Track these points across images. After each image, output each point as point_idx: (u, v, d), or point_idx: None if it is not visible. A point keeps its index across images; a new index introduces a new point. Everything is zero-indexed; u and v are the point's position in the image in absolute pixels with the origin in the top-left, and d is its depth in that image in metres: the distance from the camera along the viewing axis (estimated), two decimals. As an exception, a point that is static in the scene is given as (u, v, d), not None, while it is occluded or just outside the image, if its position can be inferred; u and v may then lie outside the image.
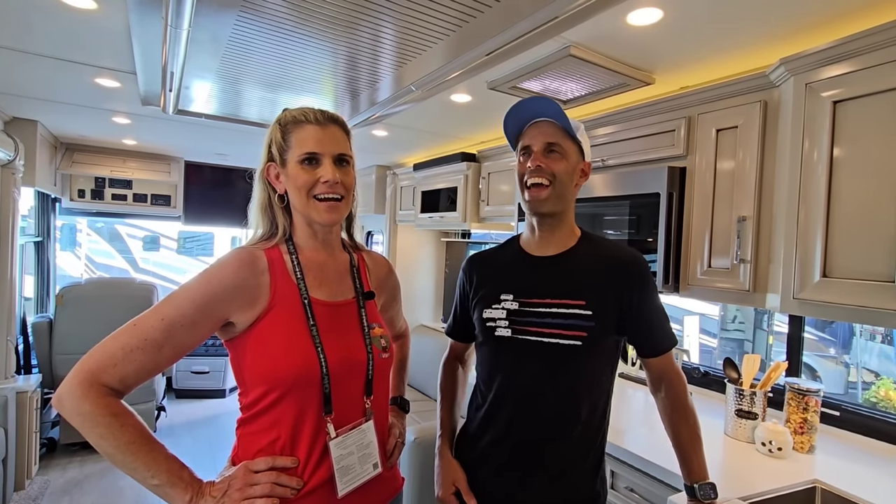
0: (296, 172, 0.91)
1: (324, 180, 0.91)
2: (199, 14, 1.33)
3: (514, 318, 1.05)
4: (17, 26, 1.57)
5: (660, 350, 1.09)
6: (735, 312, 4.33)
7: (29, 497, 2.61)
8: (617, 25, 1.36)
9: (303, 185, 0.91)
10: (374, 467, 0.96)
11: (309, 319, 0.90)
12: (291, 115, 0.94)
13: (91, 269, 8.75)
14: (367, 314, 1.00)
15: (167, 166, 3.96)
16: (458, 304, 1.22)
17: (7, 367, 2.62)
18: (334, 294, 0.97)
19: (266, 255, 0.92)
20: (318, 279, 0.96)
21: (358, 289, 1.02)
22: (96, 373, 0.78)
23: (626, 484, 1.49)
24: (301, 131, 0.92)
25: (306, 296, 0.92)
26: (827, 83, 1.25)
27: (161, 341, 0.81)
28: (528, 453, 1.04)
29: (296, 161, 0.91)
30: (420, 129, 2.73)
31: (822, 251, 1.24)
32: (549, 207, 1.04)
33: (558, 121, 1.03)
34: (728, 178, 1.54)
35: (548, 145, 1.03)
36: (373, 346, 0.97)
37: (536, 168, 1.02)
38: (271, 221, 0.96)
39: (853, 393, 3.49)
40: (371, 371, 0.96)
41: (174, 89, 1.97)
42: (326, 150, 0.92)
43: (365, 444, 0.94)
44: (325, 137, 0.92)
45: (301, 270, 0.94)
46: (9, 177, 2.57)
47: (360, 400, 0.95)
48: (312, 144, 0.91)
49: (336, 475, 0.89)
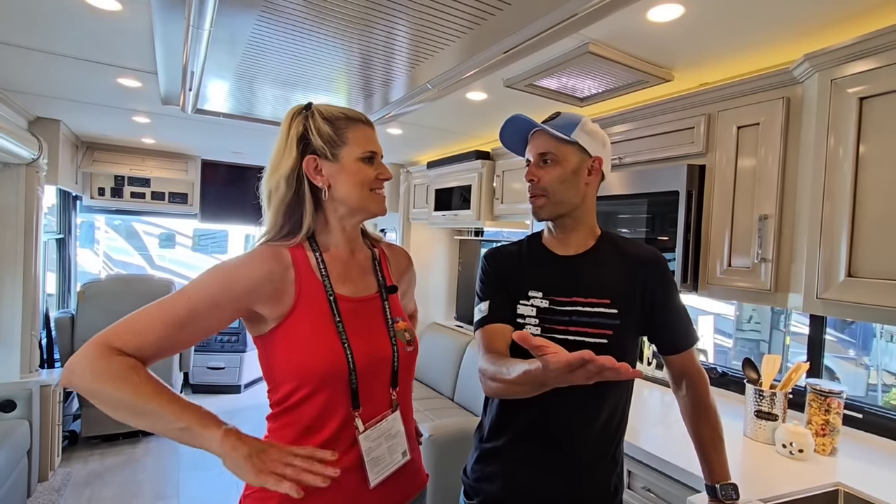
0: (356, 167, 0.94)
1: (384, 177, 0.97)
2: (220, 14, 1.34)
3: (544, 317, 1.05)
4: (44, 28, 1.60)
5: (681, 347, 1.08)
6: (751, 312, 4.26)
7: (52, 488, 2.68)
8: (637, 22, 1.35)
9: (365, 180, 0.95)
10: (402, 455, 0.98)
11: (335, 316, 0.92)
12: (340, 112, 0.96)
13: (109, 265, 8.92)
14: (390, 308, 1.02)
15: (184, 165, 4.02)
16: (490, 291, 1.11)
17: (31, 362, 2.68)
18: (358, 290, 0.99)
19: (290, 253, 0.93)
20: (343, 276, 0.97)
21: (381, 283, 1.03)
22: (111, 338, 0.79)
23: (643, 484, 1.48)
24: (359, 130, 0.96)
25: (332, 292, 0.93)
26: (853, 79, 1.22)
27: (184, 319, 0.81)
28: (549, 450, 1.04)
29: (356, 157, 0.94)
30: (434, 126, 2.74)
31: (848, 250, 1.22)
32: (547, 214, 1.07)
33: (553, 127, 1.05)
34: (749, 176, 1.52)
35: (540, 156, 1.06)
36: (397, 339, 0.99)
37: (529, 181, 1.07)
38: (296, 219, 0.94)
39: (873, 395, 3.42)
40: (396, 364, 0.98)
41: (194, 89, 2.00)
42: (379, 149, 0.99)
43: (393, 434, 0.96)
44: (376, 138, 0.99)
45: (325, 267, 0.95)
46: (33, 175, 2.63)
47: (387, 392, 0.97)
48: (372, 144, 0.97)
49: (367, 466, 0.90)
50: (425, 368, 3.46)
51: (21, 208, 2.60)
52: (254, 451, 0.74)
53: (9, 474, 2.26)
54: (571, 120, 1.06)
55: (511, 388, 0.91)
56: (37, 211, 2.66)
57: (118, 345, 0.78)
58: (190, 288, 0.84)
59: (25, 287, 2.62)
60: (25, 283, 2.62)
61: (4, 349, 2.61)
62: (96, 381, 0.76)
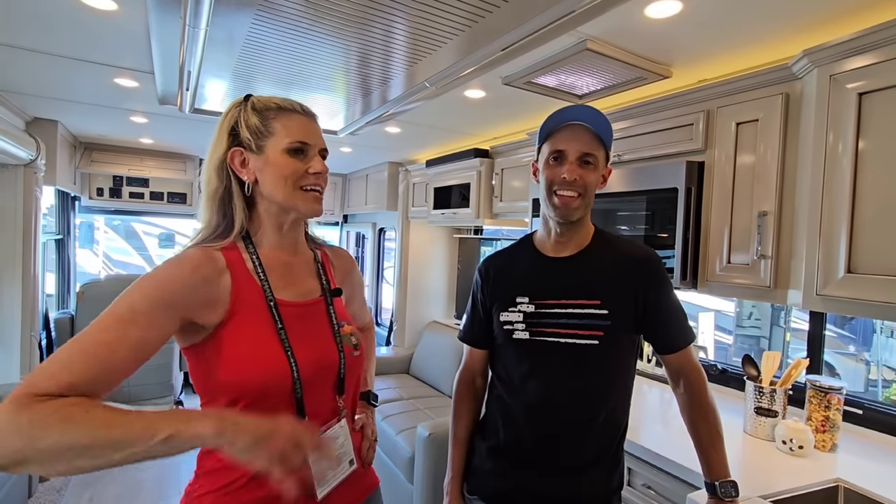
0: (282, 161, 0.85)
1: (314, 171, 0.87)
2: (216, 14, 1.34)
3: (530, 321, 1.06)
4: (40, 28, 1.60)
5: (676, 346, 1.08)
6: (751, 309, 4.26)
7: (53, 489, 2.69)
8: (635, 18, 1.34)
9: (291, 175, 0.86)
10: (350, 464, 0.94)
11: (277, 323, 0.84)
12: (273, 102, 0.88)
13: (108, 266, 8.92)
14: (335, 312, 0.96)
15: (183, 164, 4.02)
16: (473, 308, 1.19)
17: (31, 363, 2.68)
18: (301, 294, 0.92)
19: (224, 255, 0.84)
20: (284, 279, 0.90)
21: (325, 286, 0.97)
22: (29, 387, 0.62)
23: (643, 481, 1.48)
24: (288, 119, 0.87)
25: (272, 297, 0.86)
26: (852, 74, 1.22)
27: (111, 341, 0.69)
28: (545, 451, 1.04)
29: (281, 149, 0.85)
30: (433, 125, 2.73)
31: (847, 246, 1.22)
32: (579, 216, 1.05)
33: (596, 128, 1.00)
34: (748, 173, 1.51)
35: (583, 155, 1.01)
36: (343, 344, 0.94)
37: (572, 181, 1.00)
38: (226, 216, 0.87)
39: (873, 391, 3.42)
40: (343, 370, 0.92)
41: (191, 88, 1.99)
42: (315, 141, 0.89)
43: (340, 444, 0.91)
44: (312, 129, 0.89)
45: (263, 270, 0.87)
46: (31, 176, 2.63)
47: (333, 400, 0.92)
48: (303, 134, 0.87)
49: (314, 479, 0.85)
50: (424, 366, 3.47)
51: (19, 209, 2.60)
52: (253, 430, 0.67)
53: (9, 475, 2.26)
54: (608, 123, 1.02)
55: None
56: (35, 212, 2.66)
57: (41, 390, 0.62)
58: (116, 307, 0.72)
59: (25, 288, 2.62)
60: (25, 284, 2.62)
61: (4, 350, 2.61)
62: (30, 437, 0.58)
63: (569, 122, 1.03)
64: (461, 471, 1.17)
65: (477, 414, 1.21)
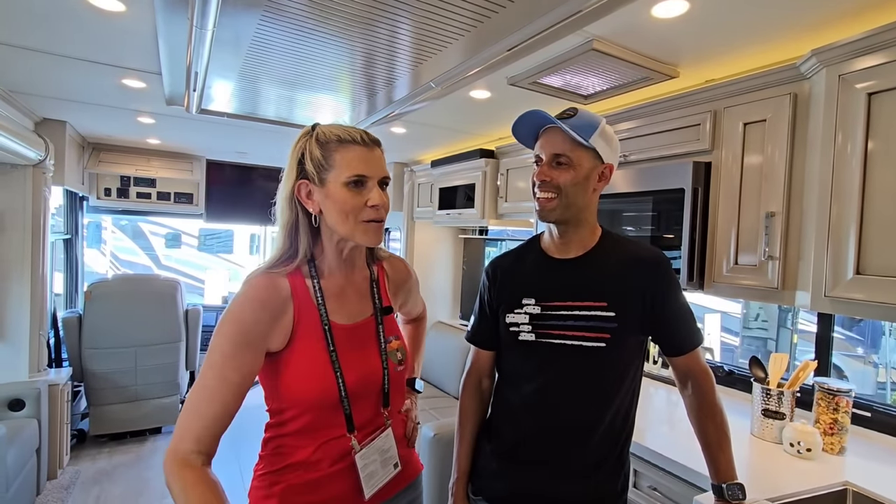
0: (342, 195, 0.88)
1: (372, 204, 0.89)
2: (223, 14, 1.34)
3: (536, 322, 1.05)
4: (48, 29, 1.61)
5: (684, 349, 1.07)
6: (758, 310, 4.23)
7: (61, 486, 2.71)
8: (642, 18, 1.34)
9: (351, 210, 0.88)
10: (394, 467, 1.02)
11: (329, 345, 0.92)
12: (334, 134, 0.90)
13: (116, 265, 9.00)
14: (384, 329, 1.03)
15: (189, 165, 4.04)
16: (480, 308, 1.19)
17: (40, 361, 2.71)
18: (353, 315, 0.99)
19: (289, 281, 0.92)
20: (339, 302, 0.97)
21: (377, 306, 1.04)
22: (176, 445, 0.80)
23: (648, 483, 1.48)
24: (347, 151, 0.89)
25: (327, 322, 0.94)
26: (861, 74, 1.21)
27: (217, 388, 0.82)
28: (551, 454, 1.04)
29: (341, 182, 0.88)
30: (438, 125, 2.73)
31: (856, 247, 1.21)
32: (556, 217, 1.04)
33: (571, 129, 1.01)
34: (756, 173, 1.50)
35: (554, 156, 1.02)
36: (388, 360, 1.01)
37: (542, 182, 1.03)
38: (293, 243, 0.93)
39: (881, 393, 3.39)
40: (387, 385, 1.00)
41: (198, 89, 2.00)
42: (374, 173, 0.90)
43: (385, 450, 1.00)
44: (372, 160, 0.90)
45: (322, 296, 0.94)
46: (40, 176, 2.65)
47: (378, 411, 1.00)
48: (362, 167, 0.89)
49: (363, 481, 0.95)
50: (429, 367, 3.47)
51: (28, 209, 2.62)
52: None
53: (18, 472, 2.28)
54: (590, 121, 1.01)
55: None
56: (44, 212, 2.68)
57: (182, 449, 0.80)
58: (210, 356, 0.84)
59: (33, 287, 2.64)
60: (33, 284, 2.64)
61: (13, 349, 2.63)
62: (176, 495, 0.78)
63: (545, 125, 1.05)
64: (467, 471, 1.17)
65: (483, 415, 1.21)
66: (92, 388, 3.28)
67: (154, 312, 3.48)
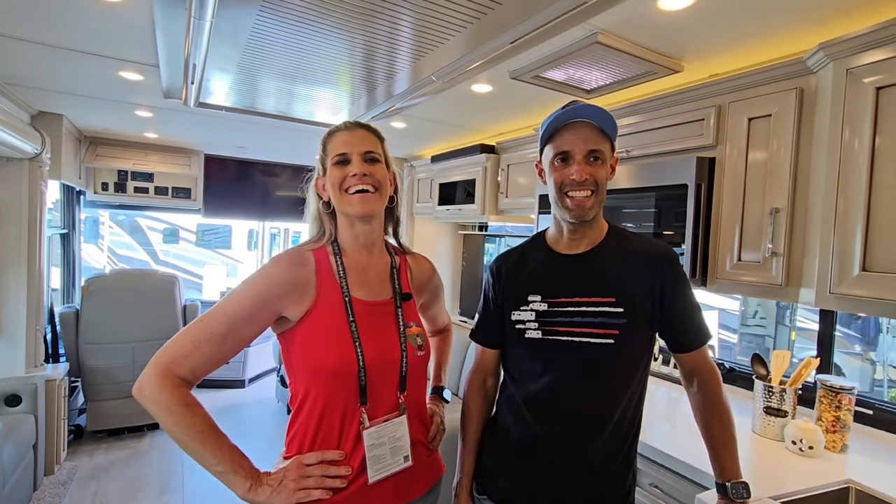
0: (333, 174, 1.01)
1: (352, 174, 0.99)
2: (222, 5, 1.32)
3: (543, 320, 1.03)
4: (45, 21, 1.59)
5: (692, 346, 1.06)
6: (756, 307, 4.23)
7: (58, 482, 2.69)
8: (647, 10, 1.32)
9: (335, 182, 1.00)
10: (404, 460, 1.00)
11: (349, 316, 0.97)
12: (328, 131, 1.06)
13: (113, 260, 8.96)
14: (403, 314, 1.06)
15: (187, 159, 4.01)
16: (485, 306, 1.17)
17: (36, 356, 2.69)
18: (373, 294, 1.04)
19: (314, 255, 1.01)
20: (360, 279, 1.03)
21: (397, 290, 1.07)
22: (170, 365, 0.87)
23: (650, 481, 1.47)
24: (334, 139, 1.04)
25: (347, 294, 0.99)
26: (869, 68, 1.19)
27: (225, 334, 0.90)
28: (559, 453, 1.02)
29: (331, 164, 1.01)
30: (438, 120, 2.71)
31: (863, 244, 1.19)
32: (593, 215, 1.03)
33: (599, 122, 0.98)
34: (760, 169, 1.49)
35: (590, 152, 0.99)
36: (408, 343, 1.03)
37: (583, 181, 0.98)
38: (320, 226, 1.06)
39: (879, 391, 3.39)
40: (405, 368, 1.01)
41: (196, 82, 1.98)
42: (354, 149, 1.01)
43: (397, 437, 0.99)
44: (352, 139, 1.02)
45: (344, 270, 1.01)
46: (36, 170, 2.62)
47: (395, 395, 1.01)
48: (343, 147, 1.02)
49: (367, 462, 0.95)
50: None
51: (24, 203, 2.59)
52: (275, 485, 0.88)
53: (15, 468, 2.27)
54: (609, 116, 1.00)
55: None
56: (40, 206, 2.66)
57: (177, 371, 0.87)
58: (226, 304, 0.92)
59: (30, 282, 2.62)
60: (30, 279, 2.62)
61: (9, 344, 2.61)
62: (159, 413, 0.86)
63: (571, 120, 1.00)
64: (471, 471, 1.16)
65: (487, 414, 1.20)
66: (89, 383, 3.26)
67: (152, 308, 3.46)
